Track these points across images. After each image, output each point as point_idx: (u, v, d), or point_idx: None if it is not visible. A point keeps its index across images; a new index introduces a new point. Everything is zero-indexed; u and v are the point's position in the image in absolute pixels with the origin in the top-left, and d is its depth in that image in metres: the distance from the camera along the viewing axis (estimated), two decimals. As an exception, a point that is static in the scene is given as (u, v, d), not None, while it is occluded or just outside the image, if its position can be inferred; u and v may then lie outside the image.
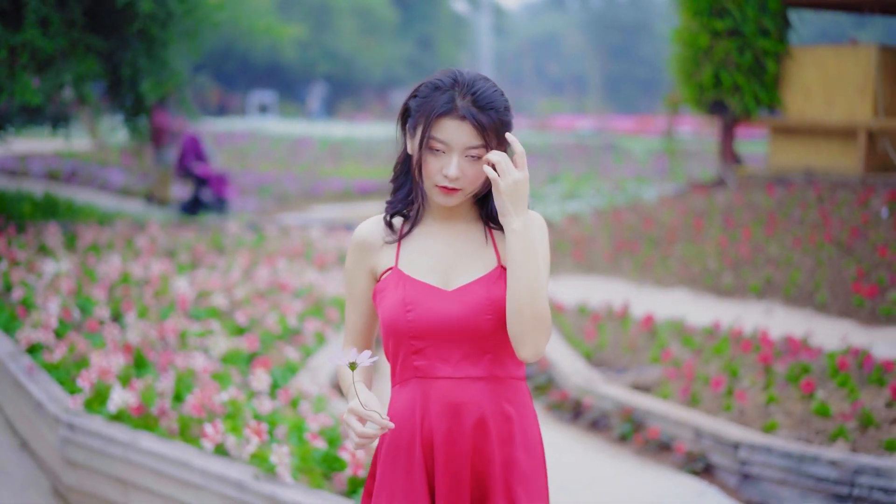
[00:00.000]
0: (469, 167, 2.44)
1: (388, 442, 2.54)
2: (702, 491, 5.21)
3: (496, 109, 2.43)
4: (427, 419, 2.49)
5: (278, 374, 5.80)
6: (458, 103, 2.42)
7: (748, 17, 12.70)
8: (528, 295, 2.38)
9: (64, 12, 9.39)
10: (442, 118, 2.42)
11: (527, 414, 2.55)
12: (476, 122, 2.40)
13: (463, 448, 2.47)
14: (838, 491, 4.85)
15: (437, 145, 2.43)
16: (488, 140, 2.42)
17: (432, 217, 2.58)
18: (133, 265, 8.40)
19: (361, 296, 2.62)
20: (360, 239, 2.59)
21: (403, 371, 2.52)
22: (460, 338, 2.47)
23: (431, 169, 2.46)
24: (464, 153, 2.43)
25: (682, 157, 21.83)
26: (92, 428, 4.95)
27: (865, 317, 8.21)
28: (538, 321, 2.39)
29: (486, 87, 2.44)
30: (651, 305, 8.84)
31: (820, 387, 5.94)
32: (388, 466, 2.52)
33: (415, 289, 2.48)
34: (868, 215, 10.21)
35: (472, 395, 2.47)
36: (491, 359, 2.48)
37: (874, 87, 12.11)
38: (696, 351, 7.05)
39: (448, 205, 2.49)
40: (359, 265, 2.60)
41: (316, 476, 4.28)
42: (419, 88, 2.49)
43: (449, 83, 2.44)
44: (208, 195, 14.51)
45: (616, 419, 6.18)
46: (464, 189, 2.46)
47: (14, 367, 5.89)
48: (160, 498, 4.68)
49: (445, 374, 2.47)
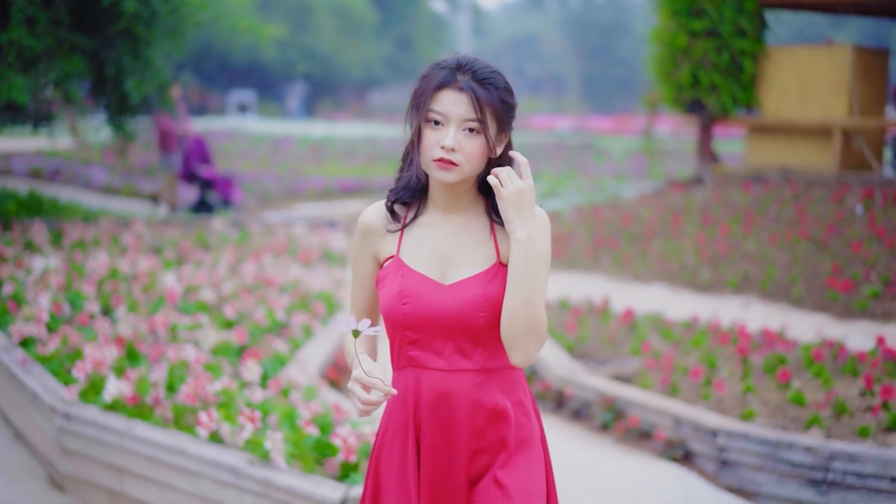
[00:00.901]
0: (466, 141, 2.45)
1: (386, 427, 2.61)
2: (681, 476, 5.37)
3: (495, 86, 2.46)
4: (418, 408, 2.54)
5: (268, 366, 5.92)
6: (457, 76, 2.45)
7: (725, 17, 12.89)
8: (524, 306, 2.41)
9: (50, 11, 9.47)
10: (441, 90, 2.46)
11: (522, 402, 2.59)
12: (474, 94, 2.43)
13: (451, 439, 2.51)
14: (813, 476, 5.02)
15: (435, 116, 2.45)
16: (485, 115, 2.44)
17: (436, 207, 2.59)
18: (120, 261, 8.50)
19: (366, 278, 2.65)
20: (365, 224, 2.62)
21: (399, 358, 2.58)
22: (454, 332, 2.50)
23: (429, 142, 2.47)
24: (461, 126, 2.44)
25: (661, 156, 22.08)
26: (88, 417, 5.06)
27: (840, 311, 8.40)
28: (532, 331, 2.43)
29: (487, 67, 2.48)
30: (630, 300, 9.00)
31: (795, 377, 6.11)
32: (386, 451, 2.60)
33: (412, 280, 2.51)
34: (843, 212, 10.41)
35: (463, 387, 2.51)
36: (483, 352, 2.52)
37: (849, 87, 12.33)
38: (675, 343, 7.21)
39: (446, 181, 2.48)
40: (363, 249, 2.63)
41: (309, 462, 4.41)
42: (424, 70, 2.53)
43: (452, 62, 2.48)
44: (215, 197, 14.60)
45: (598, 408, 6.34)
46: (461, 165, 2.46)
47: (7, 360, 5.99)
48: (155, 484, 4.80)
49: (437, 366, 2.52)
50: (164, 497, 4.77)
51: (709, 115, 13.45)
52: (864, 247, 9.28)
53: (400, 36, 53.71)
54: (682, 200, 12.55)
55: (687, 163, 19.67)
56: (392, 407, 2.61)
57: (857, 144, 12.39)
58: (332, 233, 11.99)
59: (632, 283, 10.43)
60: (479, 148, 2.46)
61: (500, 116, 2.49)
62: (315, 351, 6.57)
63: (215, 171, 15.00)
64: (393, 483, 2.57)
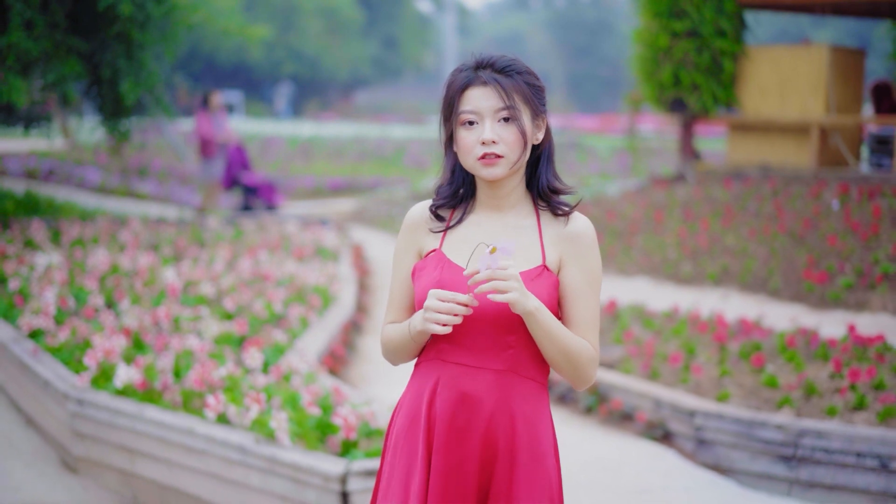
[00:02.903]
0: (504, 131, 2.48)
1: (397, 427, 2.62)
2: (660, 454, 5.71)
3: (518, 71, 2.50)
4: (433, 405, 2.53)
5: (269, 354, 6.21)
6: (479, 73, 2.50)
7: (706, 18, 13.22)
8: (562, 357, 2.49)
9: (47, 15, 9.72)
10: (466, 90, 2.50)
11: (538, 416, 2.55)
12: (499, 84, 2.47)
13: (464, 438, 2.50)
14: (784, 452, 5.35)
15: (469, 116, 2.49)
16: (515, 101, 2.48)
17: (482, 207, 2.61)
18: (120, 258, 8.77)
19: (408, 275, 2.65)
20: (412, 220, 2.65)
21: (428, 349, 2.58)
22: (487, 327, 2.49)
23: (469, 143, 2.50)
24: (495, 118, 2.48)
25: (645, 154, 22.44)
26: (100, 402, 5.36)
27: (815, 301, 8.74)
28: (577, 369, 2.51)
29: (505, 56, 2.52)
30: (614, 292, 9.32)
31: (770, 362, 6.44)
32: (393, 450, 2.62)
33: (451, 272, 2.51)
34: (819, 207, 10.75)
35: (481, 386, 2.50)
36: (513, 354, 2.51)
37: (826, 86, 12.67)
38: (656, 332, 7.53)
39: (495, 176, 2.50)
40: (408, 245, 2.65)
41: (312, 439, 4.71)
42: (447, 79, 2.57)
43: (471, 62, 2.53)
44: (258, 203, 14.82)
45: (582, 393, 6.66)
46: (506, 156, 2.49)
47: (18, 350, 6.28)
48: (165, 463, 5.10)
49: (462, 361, 2.51)
50: (173, 475, 5.06)
51: (690, 113, 13.77)
52: (839, 240, 9.62)
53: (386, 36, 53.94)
54: (665, 197, 12.88)
55: (670, 160, 20.00)
56: (406, 401, 2.62)
57: (834, 142, 12.74)
58: (324, 230, 12.28)
59: (616, 276, 10.75)
60: (518, 135, 2.49)
61: (530, 99, 2.52)
62: (313, 340, 6.87)
63: (257, 176, 15.28)
64: (399, 483, 2.57)
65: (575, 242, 2.55)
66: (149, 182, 17.58)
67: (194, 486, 4.97)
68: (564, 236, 2.56)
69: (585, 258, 2.54)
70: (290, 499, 4.54)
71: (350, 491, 4.36)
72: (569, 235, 2.56)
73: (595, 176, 20.81)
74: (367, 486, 4.37)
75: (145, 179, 17.80)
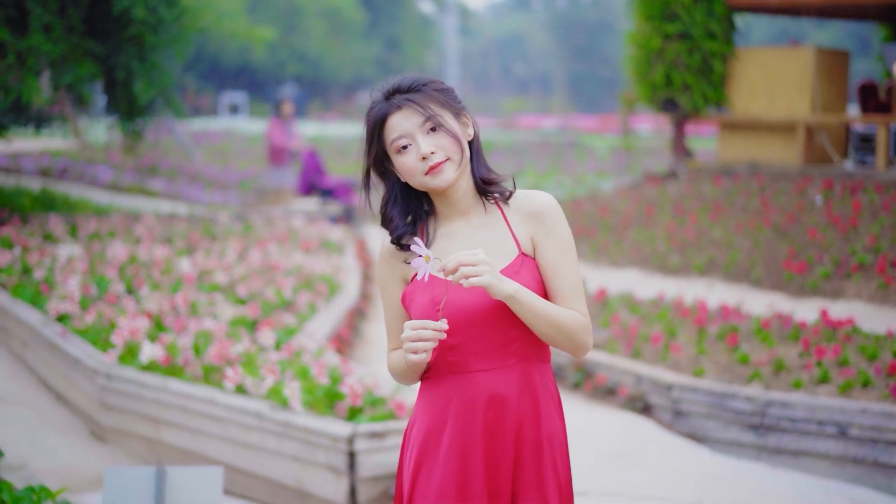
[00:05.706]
0: (437, 139, 2.56)
1: (419, 443, 2.64)
2: (640, 424, 6.22)
3: (422, 83, 2.59)
4: (465, 413, 2.58)
5: (280, 336, 6.71)
6: (392, 100, 2.58)
7: (696, 21, 13.72)
8: (554, 331, 2.55)
9: (64, 19, 10.23)
10: (387, 120, 2.58)
11: (553, 394, 2.68)
12: (412, 101, 2.55)
13: (499, 438, 2.58)
14: (752, 421, 5.85)
15: (400, 142, 2.56)
16: (433, 110, 2.56)
17: (445, 219, 2.67)
18: (137, 249, 9.29)
19: (397, 303, 2.70)
20: (388, 250, 2.68)
21: (437, 367, 2.62)
22: (492, 328, 2.56)
23: (410, 164, 2.56)
24: (423, 131, 2.56)
25: (641, 153, 22.94)
26: (127, 376, 5.87)
27: (794, 290, 9.24)
28: (571, 339, 2.58)
29: (406, 76, 2.61)
30: (605, 282, 9.81)
31: (744, 342, 6.95)
32: (420, 465, 2.64)
33: (443, 288, 2.54)
34: (804, 202, 11.24)
35: (502, 384, 2.58)
36: (519, 344, 2.59)
37: (812, 86, 13.17)
38: (642, 317, 8.03)
39: (448, 181, 2.57)
40: (391, 275, 2.69)
41: (322, 406, 5.22)
42: (365, 118, 2.64)
43: (377, 95, 2.62)
44: (336, 206, 15.17)
45: (570, 370, 7.18)
46: (451, 159, 2.57)
47: (48, 333, 6.79)
48: (188, 431, 5.61)
49: (481, 367, 2.58)
50: (196, 441, 5.57)
51: (682, 112, 14.25)
52: (820, 233, 10.11)
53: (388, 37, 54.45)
54: (657, 193, 13.37)
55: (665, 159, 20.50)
56: (425, 420, 2.65)
57: (820, 139, 13.23)
58: (330, 226, 12.81)
59: (607, 268, 11.25)
60: (450, 137, 2.57)
61: (445, 103, 2.60)
62: (321, 324, 7.38)
63: (332, 179, 15.67)
64: (434, 488, 2.61)
65: (540, 219, 2.62)
66: (159, 180, 18.09)
67: (215, 450, 5.48)
68: (529, 216, 2.63)
69: (555, 231, 2.61)
70: (303, 459, 5.05)
71: (357, 450, 4.86)
72: (533, 214, 2.63)
73: (592, 174, 21.31)
74: (372, 447, 4.87)
75: (155, 177, 18.31)
